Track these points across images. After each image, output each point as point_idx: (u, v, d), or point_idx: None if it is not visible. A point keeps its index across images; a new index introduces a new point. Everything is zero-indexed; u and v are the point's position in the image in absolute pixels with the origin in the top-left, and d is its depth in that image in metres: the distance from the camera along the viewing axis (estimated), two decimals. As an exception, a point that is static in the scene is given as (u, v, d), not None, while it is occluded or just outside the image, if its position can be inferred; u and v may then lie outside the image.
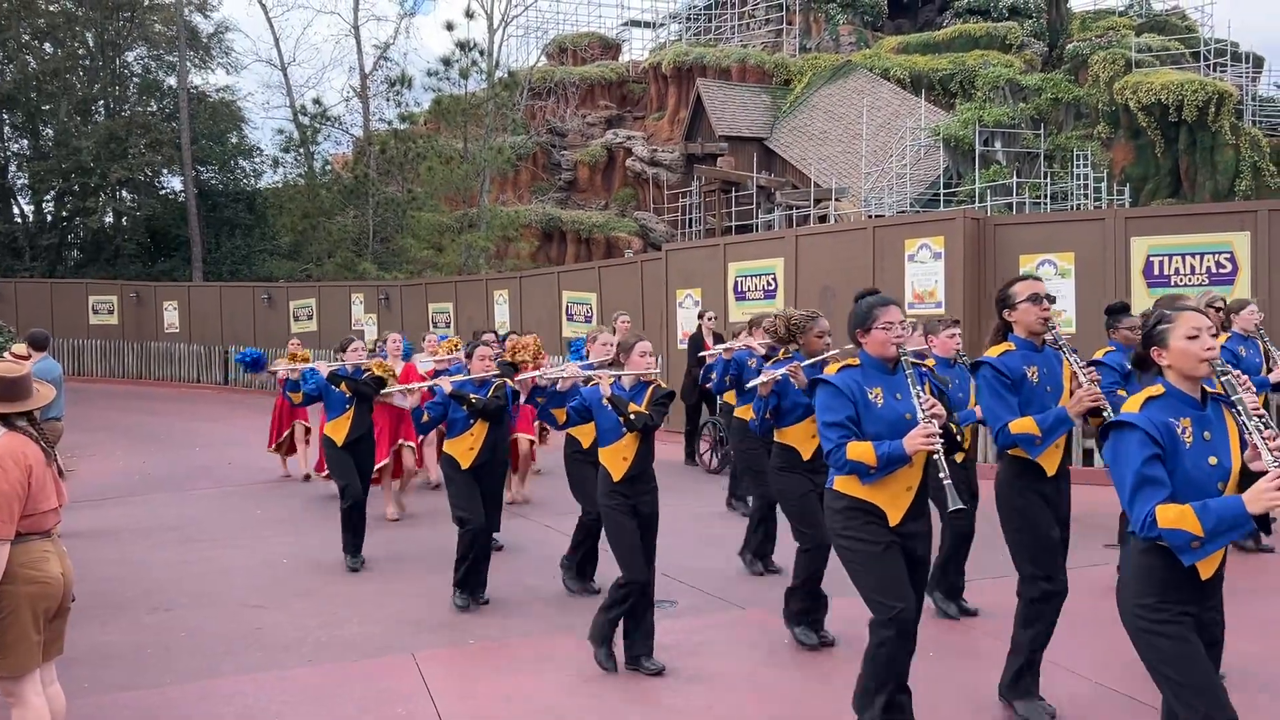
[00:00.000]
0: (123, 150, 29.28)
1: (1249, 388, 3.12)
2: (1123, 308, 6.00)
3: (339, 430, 7.73)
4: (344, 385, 7.68)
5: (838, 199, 25.14)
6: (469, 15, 27.80)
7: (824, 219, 24.11)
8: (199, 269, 29.23)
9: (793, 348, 5.67)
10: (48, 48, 31.70)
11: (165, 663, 5.57)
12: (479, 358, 6.60)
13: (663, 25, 39.31)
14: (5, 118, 31.76)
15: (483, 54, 27.81)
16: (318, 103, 30.11)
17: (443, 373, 8.91)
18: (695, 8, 36.79)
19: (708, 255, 14.90)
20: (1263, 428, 2.99)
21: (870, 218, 21.70)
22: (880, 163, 25.57)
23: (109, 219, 31.07)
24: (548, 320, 17.60)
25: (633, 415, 5.17)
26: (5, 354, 7.13)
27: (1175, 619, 3.04)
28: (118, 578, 7.38)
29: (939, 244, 11.77)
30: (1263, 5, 52.39)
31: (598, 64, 35.61)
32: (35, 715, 3.86)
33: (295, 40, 64.87)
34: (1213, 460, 3.07)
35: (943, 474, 3.80)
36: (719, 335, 11.49)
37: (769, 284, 13.75)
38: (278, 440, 11.90)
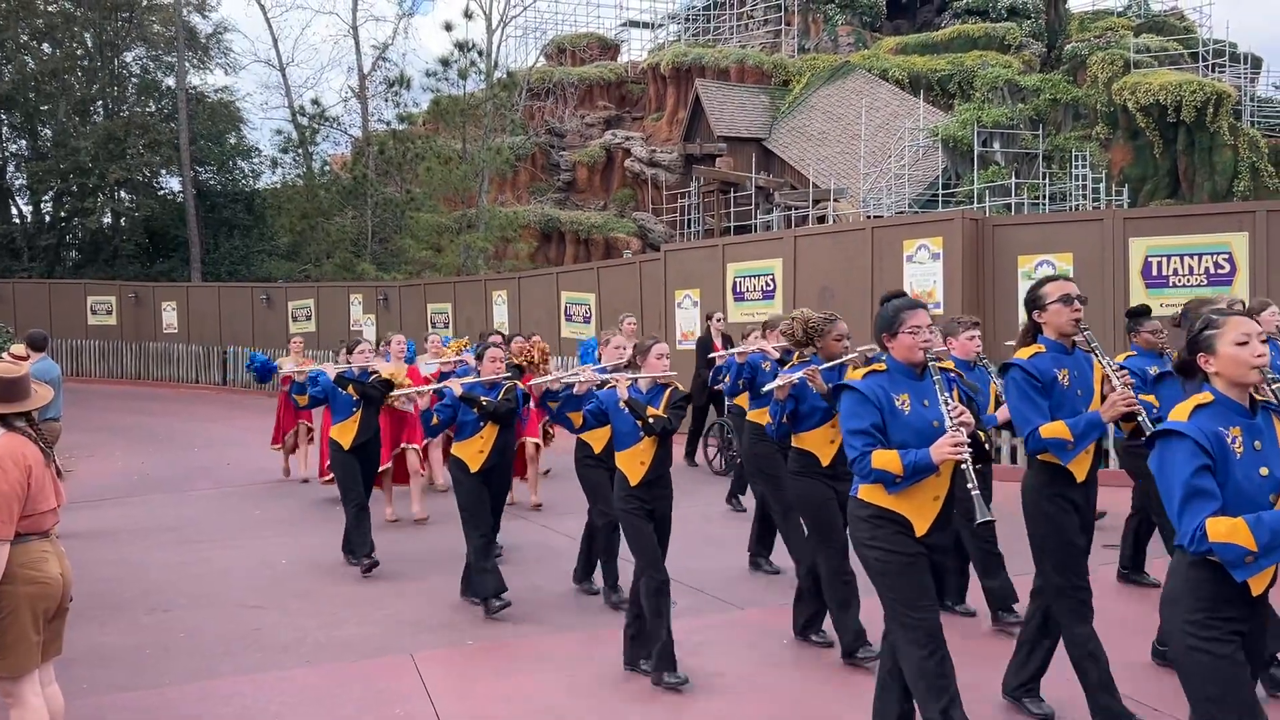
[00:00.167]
0: (121, 151, 29.27)
1: None
2: (1144, 310, 5.81)
3: (346, 434, 7.62)
4: (351, 388, 7.56)
5: (836, 199, 25.15)
6: (468, 16, 27.80)
7: (822, 219, 24.11)
8: (197, 269, 29.23)
9: (810, 351, 5.52)
10: (46, 48, 31.68)
11: (164, 663, 5.57)
12: (489, 359, 6.48)
13: (661, 26, 39.34)
14: (4, 118, 31.75)
15: (481, 54, 27.82)
16: (316, 103, 30.15)
17: (448, 375, 8.90)
18: (694, 8, 36.80)
19: (706, 256, 14.90)
20: None
21: (869, 218, 21.70)
22: (879, 163, 25.58)
23: (107, 219, 31.05)
24: (546, 321, 17.60)
25: (651, 418, 5.08)
26: (4, 354, 7.12)
27: (1225, 637, 2.90)
28: (116, 578, 7.38)
29: (937, 245, 11.78)
30: (1261, 6, 52.43)
31: (596, 64, 35.60)
32: (34, 715, 3.86)
33: (294, 41, 65.12)
34: (1264, 471, 2.94)
35: (970, 484, 3.66)
36: (727, 336, 11.44)
37: (767, 284, 13.76)
38: (281, 438, 11.80)
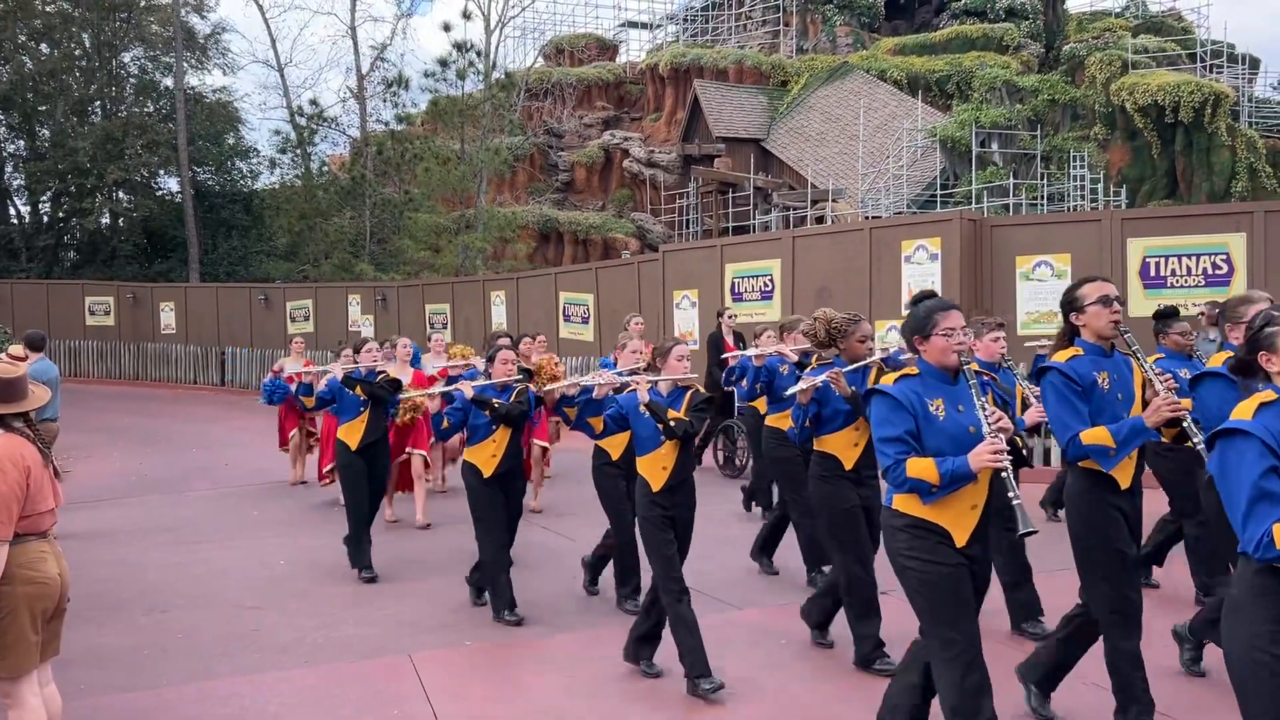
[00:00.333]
0: (119, 151, 29.26)
1: None
2: (1173, 312, 5.61)
3: (353, 434, 7.47)
4: (359, 388, 7.44)
5: (835, 200, 25.16)
6: (466, 16, 27.80)
7: (821, 220, 24.12)
8: (196, 270, 29.22)
9: (832, 352, 5.37)
10: (44, 48, 31.67)
11: (162, 664, 5.56)
12: (500, 361, 6.37)
13: (660, 26, 39.33)
14: (2, 119, 31.76)
15: (480, 55, 27.81)
16: (315, 104, 30.15)
17: (456, 377, 8.87)
18: (692, 9, 36.79)
19: (705, 256, 14.91)
20: None
21: (867, 219, 21.71)
22: (877, 164, 25.59)
23: (105, 220, 31.04)
24: (545, 321, 17.60)
25: (672, 422, 4.95)
26: (2, 355, 7.12)
27: None
28: (114, 579, 7.37)
29: (935, 245, 11.79)
30: (1259, 7, 52.50)
31: (595, 65, 35.60)
32: (32, 716, 3.86)
33: (292, 41, 64.87)
34: None
35: (1012, 494, 3.47)
36: (738, 334, 11.30)
37: (766, 285, 13.76)
38: (285, 441, 11.62)
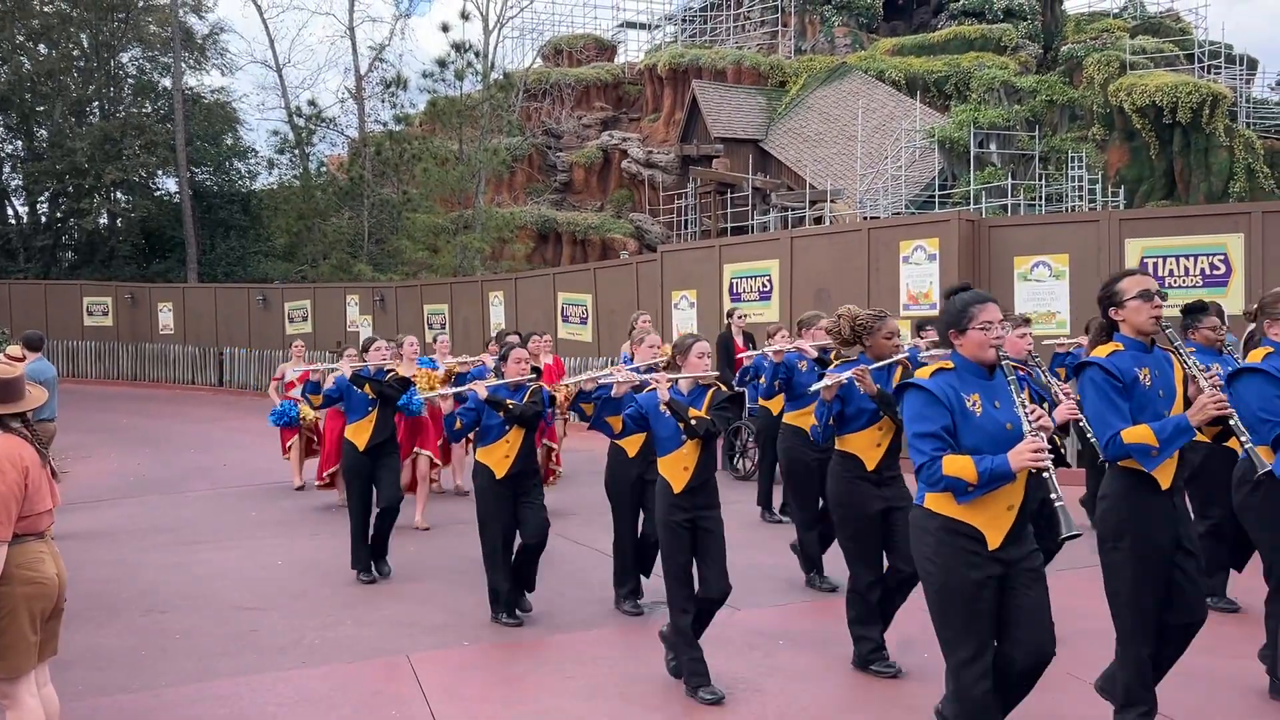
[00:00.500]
0: (117, 151, 29.25)
1: None
2: (1202, 307, 5.48)
3: (361, 434, 7.36)
4: (368, 387, 7.34)
5: (833, 200, 25.17)
6: (464, 17, 27.79)
7: (819, 221, 24.13)
8: (194, 270, 29.22)
9: (855, 350, 5.27)
10: (42, 49, 31.64)
11: (160, 665, 5.56)
12: (514, 360, 6.25)
13: (658, 27, 39.34)
14: (0, 119, 31.74)
15: (478, 55, 27.81)
16: (313, 104, 30.15)
17: (463, 377, 8.83)
18: (690, 9, 36.81)
19: (703, 257, 14.91)
20: None
21: (865, 219, 21.73)
22: (875, 164, 25.60)
23: (103, 220, 31.03)
24: (543, 321, 17.60)
25: (694, 421, 4.83)
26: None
27: None
28: (112, 580, 7.37)
29: (934, 246, 11.80)
30: (1257, 7, 52.57)
31: (593, 65, 35.61)
32: (30, 717, 3.85)
33: (290, 42, 64.90)
34: None
35: (1054, 494, 3.33)
36: (749, 334, 11.19)
37: (764, 285, 13.77)
38: (287, 444, 11.45)
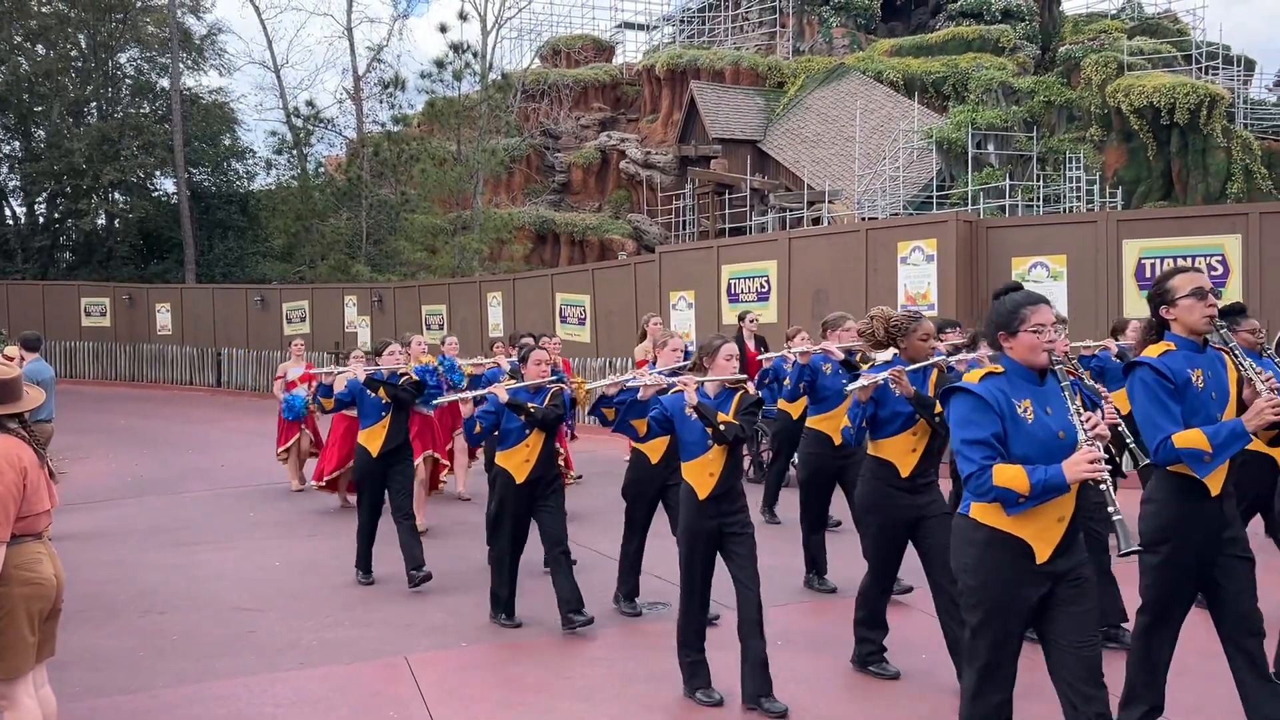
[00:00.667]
0: (115, 152, 29.25)
1: None
2: (1240, 309, 5.28)
3: (374, 439, 7.21)
4: (382, 390, 7.19)
5: (831, 201, 25.18)
6: (462, 17, 27.85)
7: (817, 221, 24.13)
8: (192, 271, 29.22)
9: (891, 352, 5.12)
10: (40, 49, 31.64)
11: (158, 666, 5.55)
12: (533, 362, 6.14)
13: (656, 27, 39.32)
14: (-3, 119, 31.76)
15: (476, 56, 27.83)
16: (311, 105, 30.22)
17: (478, 379, 8.80)
18: (689, 10, 36.82)
19: (701, 257, 14.93)
20: None
21: (863, 220, 21.74)
22: (873, 165, 25.62)
23: (101, 221, 31.02)
24: (542, 322, 17.60)
25: (722, 425, 4.73)
26: (-3, 356, 7.11)
27: None
28: (110, 580, 7.36)
29: (931, 246, 11.81)
30: (1255, 8, 52.66)
31: (591, 66, 35.61)
32: (28, 718, 3.85)
33: (288, 42, 64.63)
34: None
35: (1112, 508, 3.15)
36: (760, 337, 11.03)
37: (762, 286, 13.78)
38: (284, 446, 11.30)
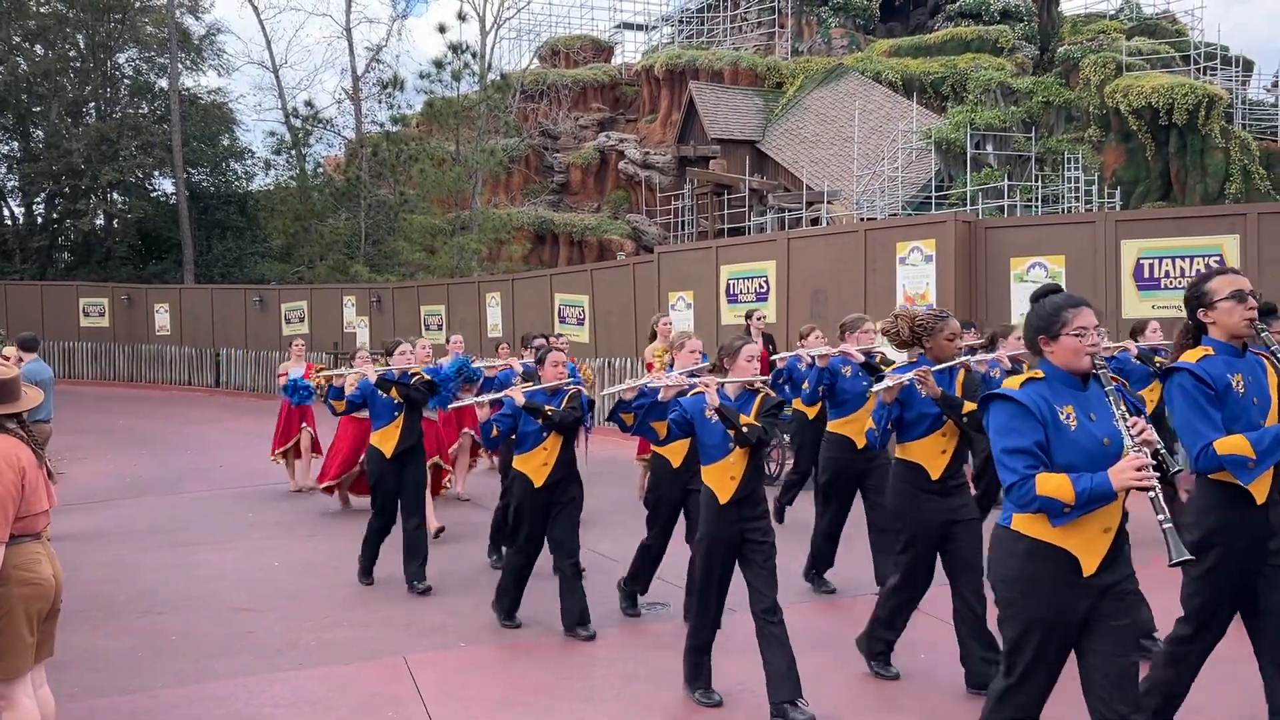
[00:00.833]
0: (114, 152, 29.24)
1: None
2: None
3: (387, 441, 7.11)
4: (394, 391, 7.09)
5: (830, 202, 25.19)
6: (461, 18, 28.02)
7: (816, 222, 24.14)
8: (190, 271, 29.21)
9: (916, 352, 5.05)
10: (38, 49, 31.63)
11: (157, 666, 5.55)
12: (551, 364, 6.04)
13: (655, 28, 39.35)
14: (-4, 119, 31.75)
15: (475, 56, 27.85)
16: (310, 105, 30.25)
17: (490, 381, 8.78)
18: (687, 10, 36.83)
19: (700, 258, 14.93)
20: None
21: (862, 220, 21.75)
22: (872, 166, 25.63)
23: (100, 221, 31.01)
24: (540, 323, 17.60)
25: (745, 428, 4.64)
26: (-4, 357, 7.10)
27: None
28: (109, 581, 7.36)
29: (930, 247, 11.81)
30: (1253, 9, 52.70)
31: (590, 66, 35.62)
32: (26, 718, 3.85)
33: (287, 42, 64.80)
34: None
35: (1161, 517, 3.01)
36: (769, 336, 10.83)
37: (761, 286, 13.78)
38: (282, 446, 11.24)
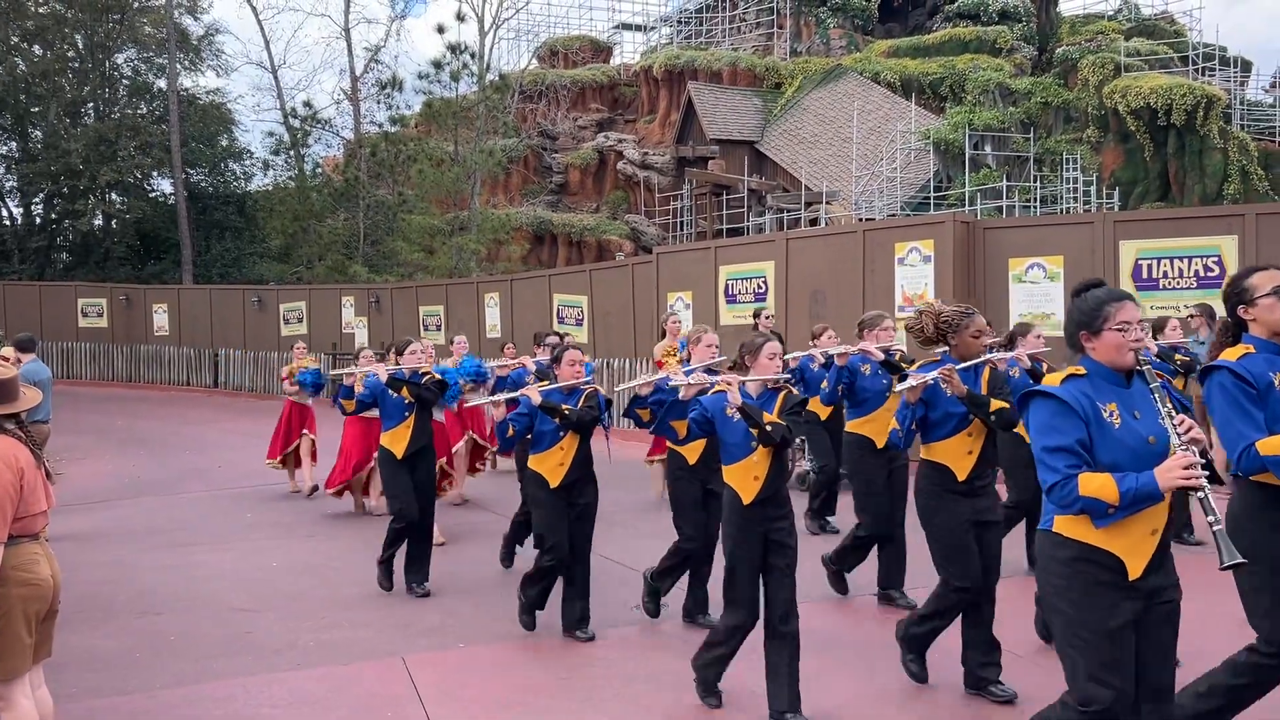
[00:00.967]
0: (112, 153, 29.22)
1: None
2: None
3: (398, 441, 7.03)
4: (405, 390, 7.01)
5: (828, 202, 25.20)
6: (460, 18, 28.00)
7: (814, 222, 24.15)
8: (189, 272, 29.20)
9: (941, 349, 4.95)
10: (37, 50, 31.62)
11: (155, 666, 5.55)
12: (568, 363, 5.98)
13: (654, 28, 39.38)
14: (-6, 120, 31.73)
15: (474, 57, 27.85)
16: (308, 105, 30.26)
17: (503, 380, 8.75)
18: (686, 11, 36.84)
19: (699, 258, 14.93)
20: None
21: (860, 221, 21.75)
22: (870, 166, 25.64)
23: (98, 221, 31.02)
24: (539, 323, 17.59)
25: (769, 426, 4.49)
26: (-6, 357, 7.10)
27: None
28: (108, 581, 7.36)
29: (929, 247, 11.81)
30: (1251, 10, 52.74)
31: (589, 67, 35.63)
32: (24, 718, 3.85)
33: (286, 43, 64.99)
34: None
35: (1211, 518, 2.91)
36: (777, 334, 10.96)
37: (759, 287, 13.78)
38: (282, 452, 11.06)
